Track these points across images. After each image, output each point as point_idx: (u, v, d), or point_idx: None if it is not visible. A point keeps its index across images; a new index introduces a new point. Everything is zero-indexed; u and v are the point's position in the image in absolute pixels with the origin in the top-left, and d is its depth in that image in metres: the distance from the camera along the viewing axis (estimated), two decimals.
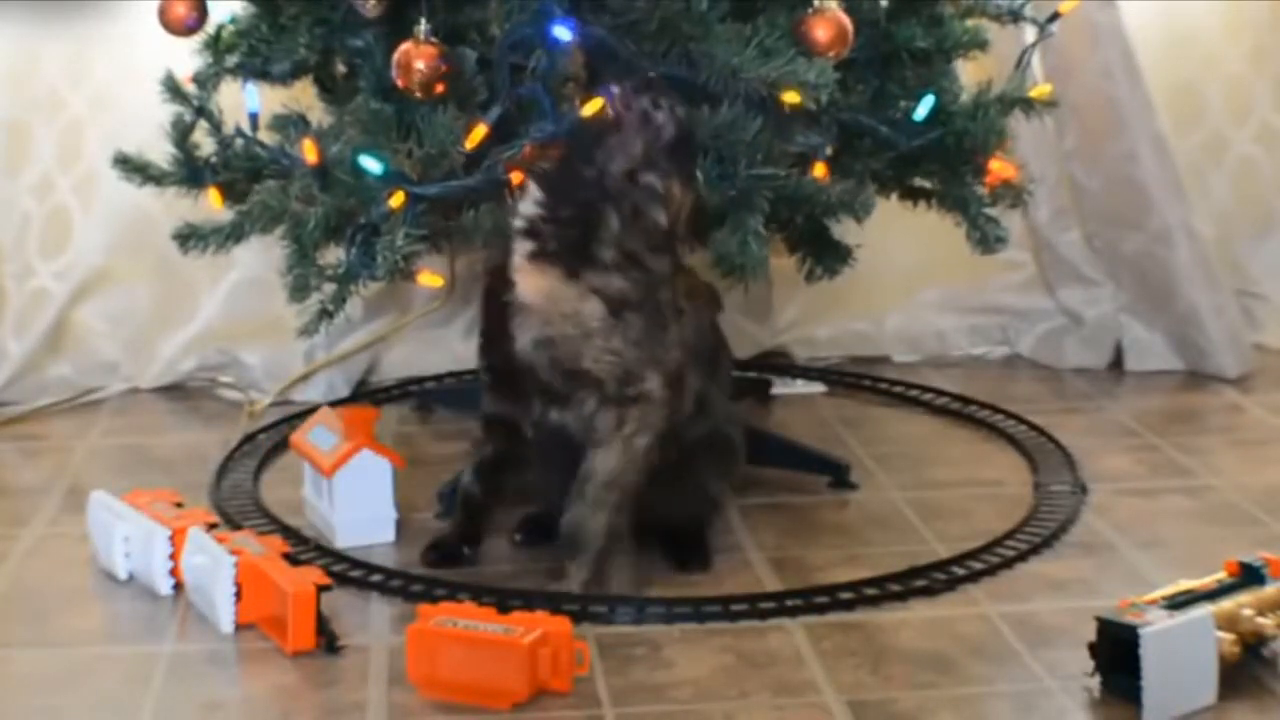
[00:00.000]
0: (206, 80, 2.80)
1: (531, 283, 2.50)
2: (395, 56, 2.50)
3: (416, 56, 2.50)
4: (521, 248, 2.51)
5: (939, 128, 2.72)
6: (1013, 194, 2.84)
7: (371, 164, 2.50)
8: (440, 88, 2.51)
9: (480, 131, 2.50)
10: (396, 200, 2.50)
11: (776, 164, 2.58)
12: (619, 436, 2.50)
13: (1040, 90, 2.85)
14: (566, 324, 2.48)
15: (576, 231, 2.48)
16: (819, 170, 2.63)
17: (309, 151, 2.56)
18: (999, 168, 2.78)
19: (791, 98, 2.51)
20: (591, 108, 2.45)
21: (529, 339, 2.50)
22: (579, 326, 2.48)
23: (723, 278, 2.60)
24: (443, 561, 2.65)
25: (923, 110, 2.70)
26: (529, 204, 2.51)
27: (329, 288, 2.62)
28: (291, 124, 2.73)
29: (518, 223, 2.52)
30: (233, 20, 2.81)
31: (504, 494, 2.67)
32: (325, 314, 2.64)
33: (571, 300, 2.48)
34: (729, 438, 2.68)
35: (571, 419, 2.52)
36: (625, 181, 2.47)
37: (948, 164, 2.80)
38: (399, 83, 2.50)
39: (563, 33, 2.49)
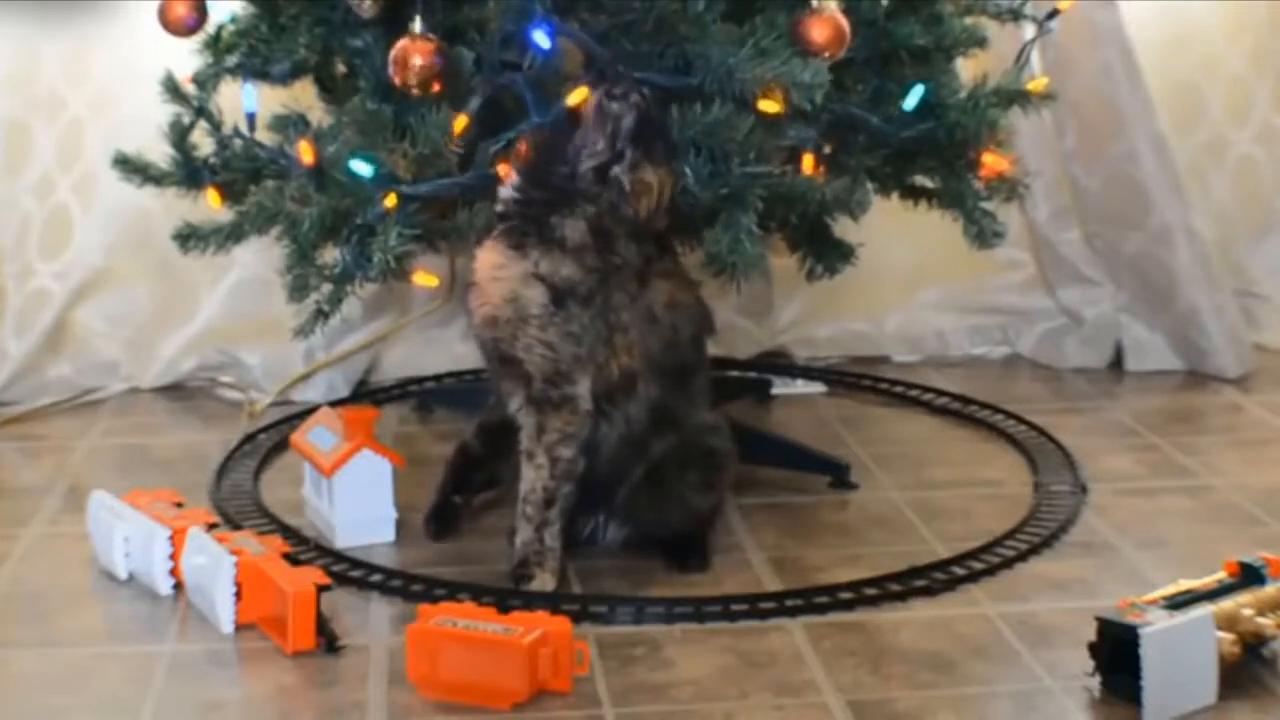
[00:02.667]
0: (206, 80, 2.81)
1: (482, 258, 2.53)
2: (392, 53, 2.50)
3: (413, 52, 2.50)
4: (496, 230, 2.54)
5: (932, 120, 2.72)
6: (1008, 188, 2.85)
7: (362, 167, 2.50)
8: (437, 85, 2.51)
9: (462, 121, 2.50)
10: (391, 200, 2.50)
11: (769, 162, 2.58)
12: (541, 448, 2.51)
13: (1037, 84, 2.85)
14: (507, 306, 2.49)
15: (541, 211, 2.50)
16: (808, 163, 2.63)
17: (305, 153, 2.56)
18: (993, 161, 2.78)
19: (769, 106, 2.51)
20: (576, 97, 2.46)
21: (479, 317, 2.53)
22: (517, 310, 2.49)
23: (714, 276, 2.59)
24: (441, 524, 2.71)
25: (912, 100, 2.70)
26: (508, 189, 2.54)
27: (326, 288, 2.62)
28: (291, 124, 2.73)
29: (498, 207, 2.55)
30: (233, 20, 2.81)
31: (505, 457, 2.65)
32: (321, 314, 2.64)
33: (512, 281, 2.49)
34: (711, 449, 2.64)
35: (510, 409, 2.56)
36: (596, 180, 2.48)
37: (943, 158, 2.80)
38: (396, 79, 2.50)
39: (541, 39, 2.49)
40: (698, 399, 2.65)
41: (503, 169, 2.54)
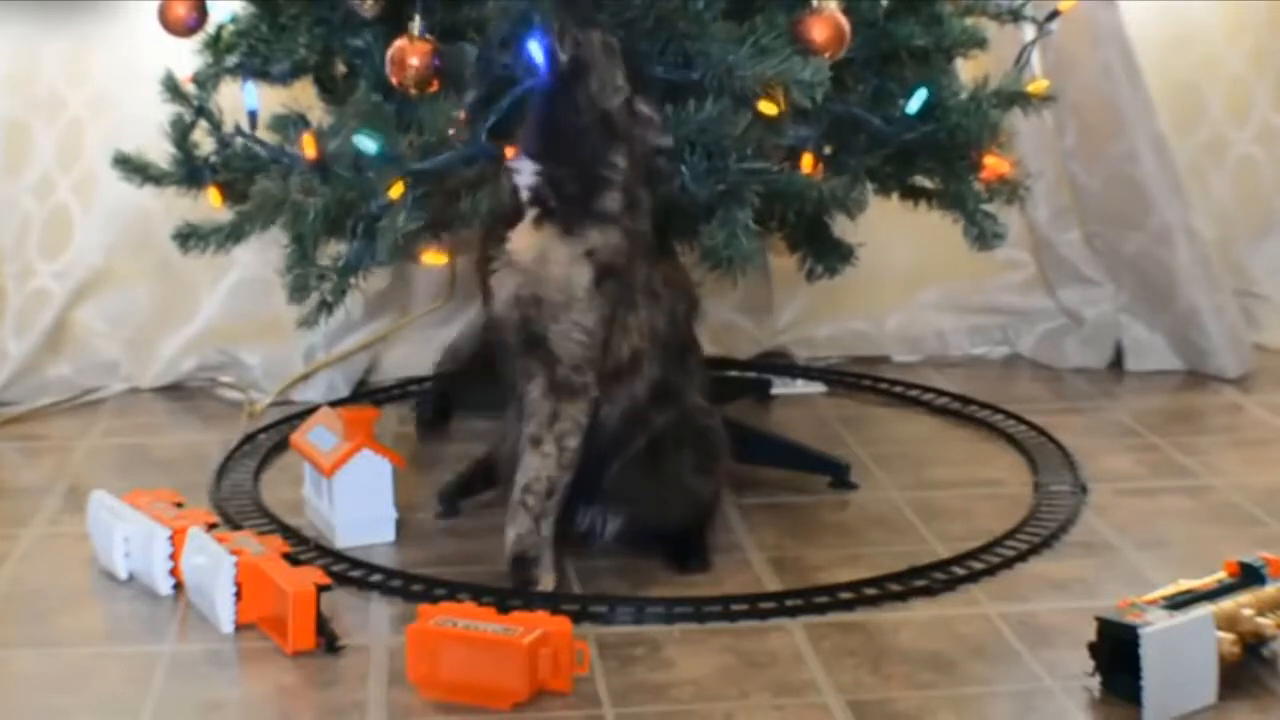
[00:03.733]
0: (206, 80, 2.81)
1: (526, 241, 2.49)
2: (390, 53, 2.50)
3: (411, 53, 2.50)
4: (529, 214, 2.50)
5: (933, 122, 2.72)
6: (1009, 190, 2.85)
7: (367, 143, 2.50)
8: (434, 85, 2.51)
9: (459, 119, 2.50)
10: (396, 191, 2.50)
11: (767, 158, 2.58)
12: (552, 436, 2.50)
13: (1037, 85, 2.86)
14: (552, 287, 2.47)
15: (578, 186, 2.48)
16: (807, 162, 2.63)
17: (308, 146, 2.56)
18: (994, 163, 2.78)
19: (769, 108, 2.51)
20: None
21: (508, 295, 2.50)
22: (564, 292, 2.47)
23: (710, 271, 2.59)
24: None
25: (915, 103, 2.70)
26: (527, 175, 2.50)
27: (331, 280, 2.62)
28: (291, 124, 2.73)
29: (524, 194, 2.50)
30: (233, 20, 2.81)
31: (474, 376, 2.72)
32: (325, 306, 2.64)
33: (563, 263, 2.47)
34: (705, 429, 2.64)
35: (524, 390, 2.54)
36: (627, 114, 2.47)
37: (944, 160, 2.80)
38: (393, 79, 2.50)
39: (535, 50, 2.48)
40: (694, 378, 2.65)
41: (509, 152, 2.51)
